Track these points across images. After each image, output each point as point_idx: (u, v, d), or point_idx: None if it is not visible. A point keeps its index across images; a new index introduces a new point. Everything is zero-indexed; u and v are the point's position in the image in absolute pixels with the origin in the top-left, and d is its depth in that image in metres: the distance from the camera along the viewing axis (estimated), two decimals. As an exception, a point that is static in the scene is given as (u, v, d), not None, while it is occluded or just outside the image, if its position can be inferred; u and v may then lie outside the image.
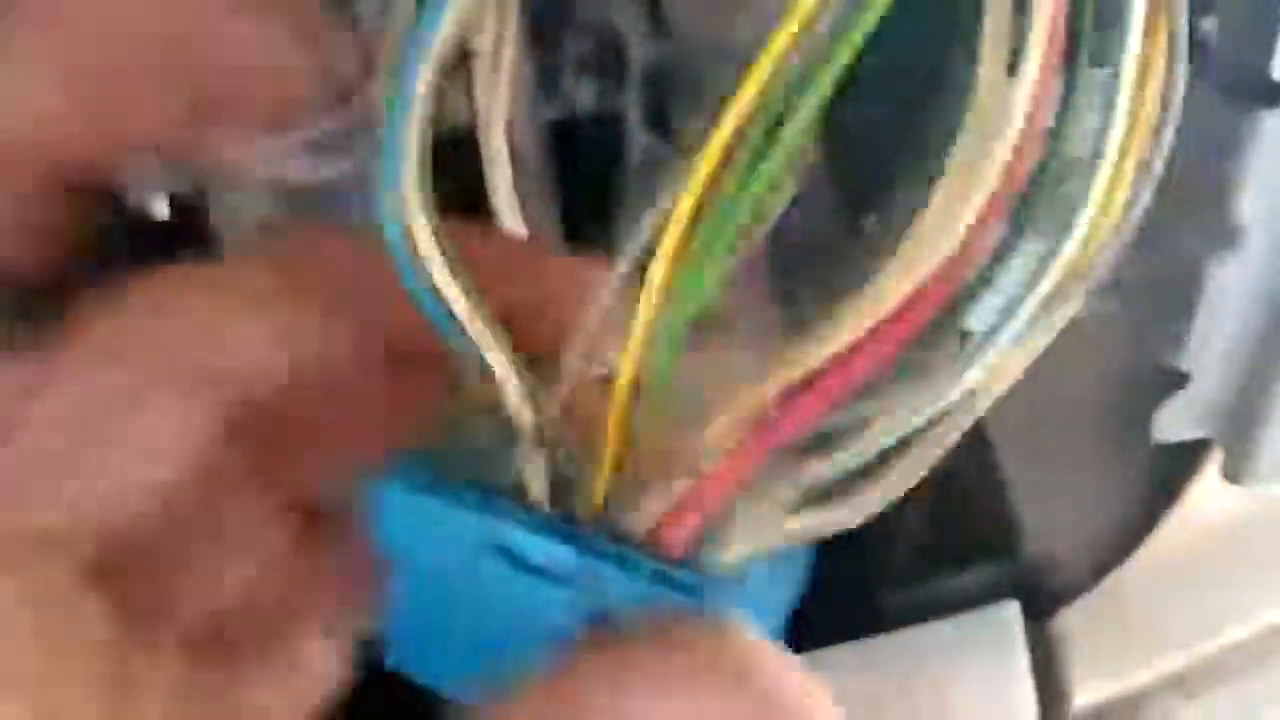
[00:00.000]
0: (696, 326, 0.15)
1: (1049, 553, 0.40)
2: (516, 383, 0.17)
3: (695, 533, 0.16)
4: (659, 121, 0.32)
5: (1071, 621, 0.39)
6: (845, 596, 0.34)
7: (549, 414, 0.17)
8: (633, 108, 0.31)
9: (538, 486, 0.17)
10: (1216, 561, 0.39)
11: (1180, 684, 0.39)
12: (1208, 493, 0.39)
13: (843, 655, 0.34)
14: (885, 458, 0.15)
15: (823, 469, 0.15)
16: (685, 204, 0.15)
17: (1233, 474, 0.36)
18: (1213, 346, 0.34)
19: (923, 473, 0.15)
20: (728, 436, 0.15)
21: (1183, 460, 0.39)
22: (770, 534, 0.16)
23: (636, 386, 0.15)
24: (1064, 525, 0.40)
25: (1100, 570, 0.40)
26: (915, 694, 0.37)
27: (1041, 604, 0.39)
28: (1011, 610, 0.39)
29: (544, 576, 0.16)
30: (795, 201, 0.15)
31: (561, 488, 0.17)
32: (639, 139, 0.31)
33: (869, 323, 0.14)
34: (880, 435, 0.15)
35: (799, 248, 0.18)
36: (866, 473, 0.16)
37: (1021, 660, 0.38)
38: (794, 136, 0.14)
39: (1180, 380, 0.34)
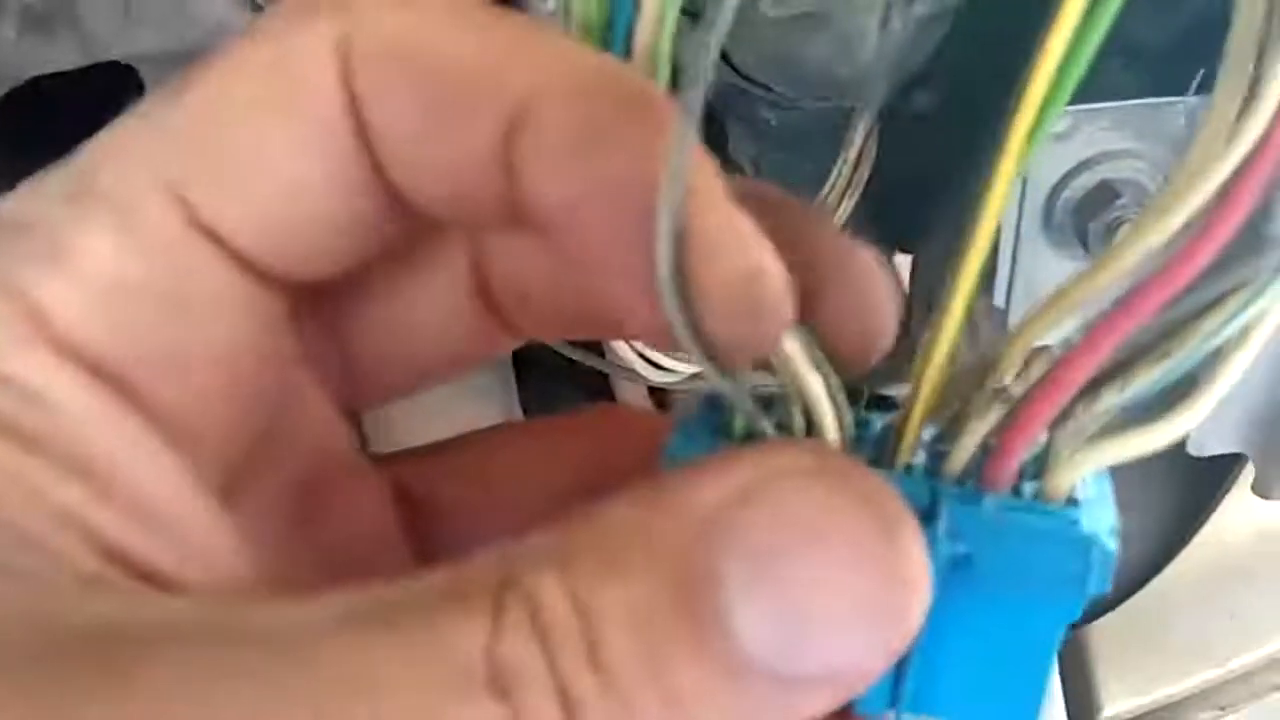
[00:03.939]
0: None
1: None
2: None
3: (1018, 465, 0.15)
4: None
5: (1103, 634, 0.40)
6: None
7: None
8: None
9: (833, 437, 0.16)
10: (1249, 577, 0.40)
11: (1213, 699, 0.39)
12: (1239, 508, 0.39)
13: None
14: (1197, 374, 0.15)
15: (1140, 385, 0.15)
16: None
17: (1263, 489, 0.37)
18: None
19: (1235, 380, 0.15)
20: (1019, 363, 0.15)
21: (1213, 476, 0.39)
22: (1092, 459, 0.15)
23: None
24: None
25: (1130, 587, 0.41)
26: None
27: (1072, 618, 0.40)
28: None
29: None
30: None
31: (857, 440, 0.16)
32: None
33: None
34: (1192, 348, 0.15)
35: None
36: (1180, 391, 0.15)
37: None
38: None
39: (1216, 394, 0.35)
